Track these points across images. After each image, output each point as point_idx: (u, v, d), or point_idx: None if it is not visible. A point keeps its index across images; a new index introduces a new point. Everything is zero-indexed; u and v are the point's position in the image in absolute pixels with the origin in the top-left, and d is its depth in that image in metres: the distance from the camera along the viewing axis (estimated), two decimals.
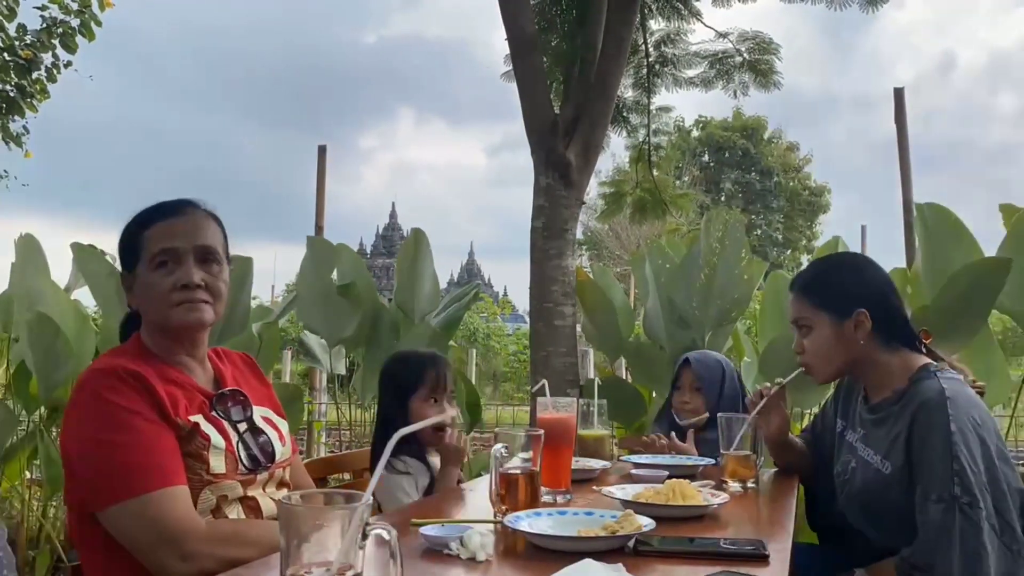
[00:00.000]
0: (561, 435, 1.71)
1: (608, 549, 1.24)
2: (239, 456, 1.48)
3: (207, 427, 1.46)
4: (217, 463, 1.44)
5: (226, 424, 1.51)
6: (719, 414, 2.00)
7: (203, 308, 1.49)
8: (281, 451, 1.60)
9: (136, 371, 1.41)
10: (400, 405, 2.14)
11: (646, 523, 1.30)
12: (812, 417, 2.19)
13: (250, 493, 1.51)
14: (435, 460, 2.14)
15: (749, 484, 1.87)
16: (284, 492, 1.59)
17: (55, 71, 6.34)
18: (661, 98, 6.24)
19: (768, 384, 2.08)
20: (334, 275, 4.43)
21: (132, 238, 1.54)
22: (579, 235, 5.71)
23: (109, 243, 4.54)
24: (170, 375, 1.48)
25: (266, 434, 1.57)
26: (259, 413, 1.61)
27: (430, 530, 1.30)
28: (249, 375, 1.71)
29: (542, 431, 1.53)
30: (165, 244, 1.49)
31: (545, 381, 2.09)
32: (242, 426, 1.53)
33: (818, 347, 1.88)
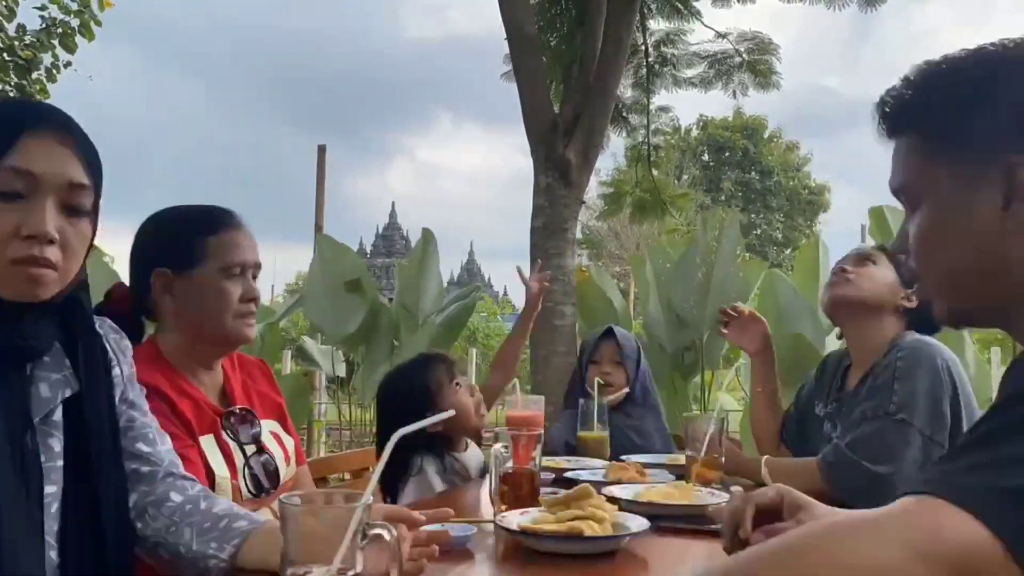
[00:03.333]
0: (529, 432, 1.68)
1: (604, 551, 1.25)
2: (244, 482, 1.46)
3: (213, 455, 1.44)
4: (221, 495, 1.39)
5: (233, 447, 1.48)
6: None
7: (254, 326, 1.52)
8: (286, 471, 1.57)
9: (151, 383, 1.35)
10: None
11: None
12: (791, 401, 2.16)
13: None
14: (466, 456, 2.12)
15: (715, 486, 1.70)
16: None
17: (55, 71, 6.36)
18: (661, 98, 6.26)
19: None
20: None
21: (191, 239, 1.47)
22: (578, 235, 5.71)
23: (106, 239, 4.56)
24: (182, 387, 1.45)
25: (270, 453, 1.54)
26: (267, 428, 1.59)
27: (430, 530, 1.30)
28: (263, 384, 1.67)
29: (541, 431, 1.54)
30: (239, 257, 1.48)
31: (517, 380, 2.13)
32: (250, 448, 1.51)
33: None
